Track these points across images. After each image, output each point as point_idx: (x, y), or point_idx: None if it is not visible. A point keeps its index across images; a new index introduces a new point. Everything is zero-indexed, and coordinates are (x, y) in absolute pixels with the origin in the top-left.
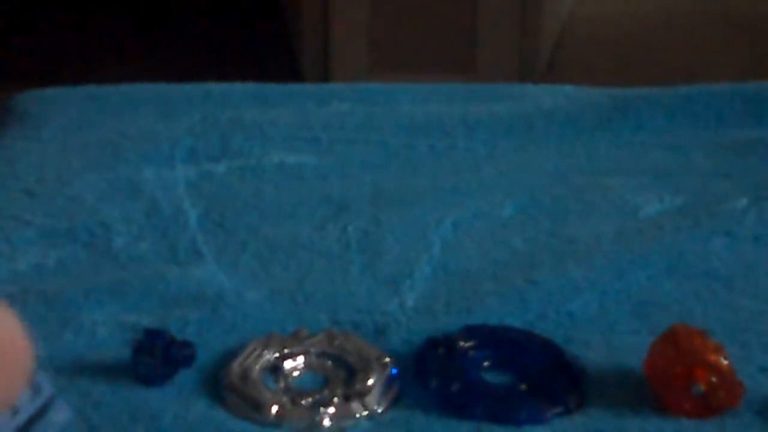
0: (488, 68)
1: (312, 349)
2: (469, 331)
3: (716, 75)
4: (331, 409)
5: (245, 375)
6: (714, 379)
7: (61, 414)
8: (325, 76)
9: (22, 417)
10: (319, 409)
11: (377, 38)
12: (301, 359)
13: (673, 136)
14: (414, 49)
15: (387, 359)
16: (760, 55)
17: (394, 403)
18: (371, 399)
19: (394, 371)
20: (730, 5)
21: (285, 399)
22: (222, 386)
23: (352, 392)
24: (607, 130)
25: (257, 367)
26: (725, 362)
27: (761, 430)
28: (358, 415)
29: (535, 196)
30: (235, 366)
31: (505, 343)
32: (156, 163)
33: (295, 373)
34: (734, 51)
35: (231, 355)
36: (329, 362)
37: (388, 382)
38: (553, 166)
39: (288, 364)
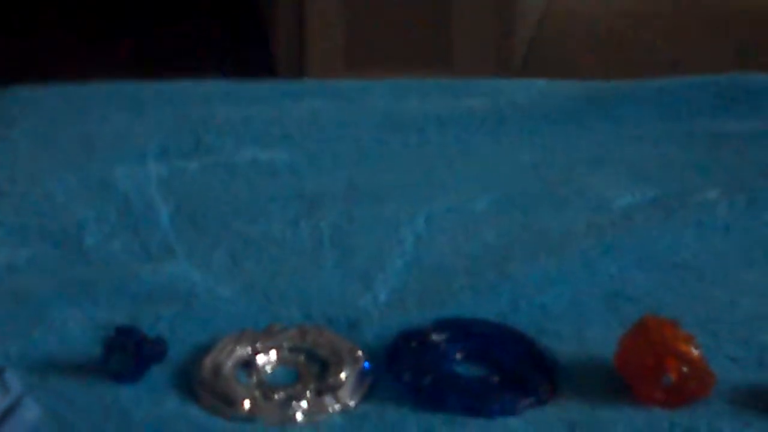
0: (465, 63)
1: (284, 344)
2: (442, 325)
3: (694, 69)
4: (304, 404)
5: (217, 370)
6: (685, 369)
7: (30, 412)
8: (300, 73)
9: None
10: (291, 404)
11: (353, 34)
12: (273, 354)
13: (645, 128)
14: (390, 45)
15: (359, 353)
16: (738, 50)
17: (367, 396)
18: (344, 393)
19: (367, 365)
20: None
21: (257, 394)
22: (194, 382)
23: (325, 386)
24: (580, 124)
25: (230, 362)
26: (696, 352)
27: (731, 418)
28: (331, 410)
29: (507, 190)
30: (208, 361)
31: (477, 336)
32: (128, 160)
33: (268, 368)
34: (712, 45)
35: (203, 350)
36: (302, 357)
37: (361, 376)
38: (526, 160)
39: (260, 359)
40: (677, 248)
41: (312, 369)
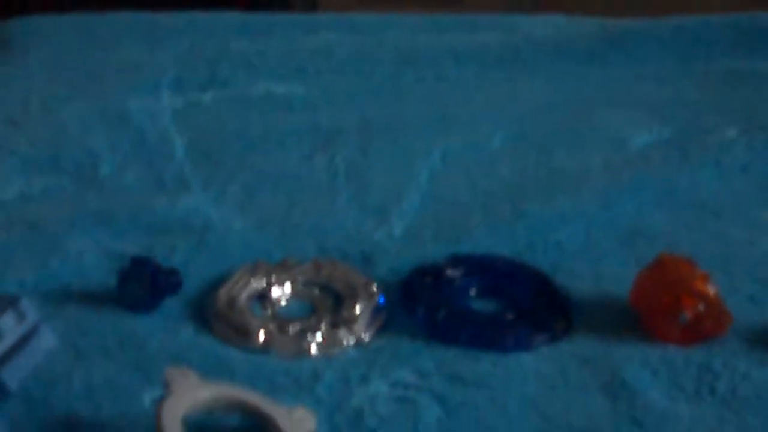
0: (475, 0)
1: (299, 277)
2: (457, 260)
3: (709, 7)
4: (318, 337)
5: (232, 302)
6: (701, 308)
7: (46, 340)
8: (313, 6)
9: (7, 343)
10: (306, 337)
11: None
12: (288, 287)
13: (663, 67)
14: None
15: (374, 287)
16: None
17: (381, 330)
18: (358, 326)
19: (382, 299)
20: None
21: (272, 326)
22: (209, 313)
23: (340, 320)
24: (597, 62)
25: (244, 294)
26: (712, 291)
27: (747, 357)
28: (345, 343)
29: (523, 127)
30: (222, 293)
31: (492, 272)
32: (142, 92)
33: (283, 301)
34: None
35: (218, 283)
36: (316, 290)
37: (376, 310)
38: (543, 97)
39: (275, 292)
40: (695, 187)
41: (326, 302)
